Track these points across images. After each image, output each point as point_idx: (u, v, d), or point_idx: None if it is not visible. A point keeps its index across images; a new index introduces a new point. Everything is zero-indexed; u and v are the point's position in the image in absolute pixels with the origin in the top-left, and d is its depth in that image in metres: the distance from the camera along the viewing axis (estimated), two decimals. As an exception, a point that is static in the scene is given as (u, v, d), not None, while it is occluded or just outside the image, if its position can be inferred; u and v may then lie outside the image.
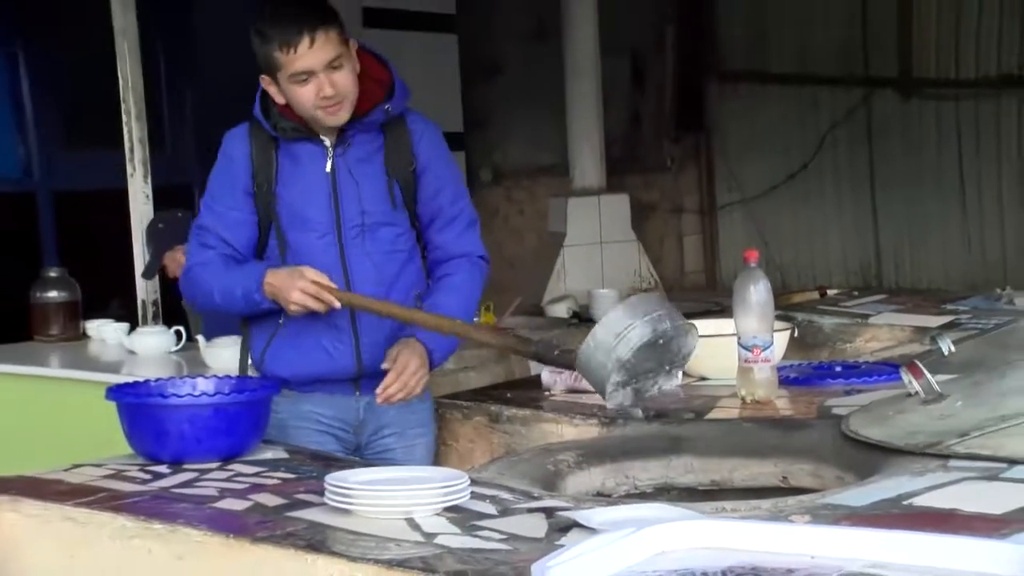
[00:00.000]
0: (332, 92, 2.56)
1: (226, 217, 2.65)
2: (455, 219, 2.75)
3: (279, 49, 2.56)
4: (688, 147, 6.96)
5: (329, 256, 2.63)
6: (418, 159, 2.70)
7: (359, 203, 2.65)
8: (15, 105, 5.66)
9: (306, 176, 2.65)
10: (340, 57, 2.58)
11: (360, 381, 2.68)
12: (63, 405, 3.69)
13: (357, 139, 2.66)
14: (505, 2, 7.16)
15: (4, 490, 1.98)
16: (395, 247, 2.69)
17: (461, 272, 2.76)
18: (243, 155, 2.66)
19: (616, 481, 2.25)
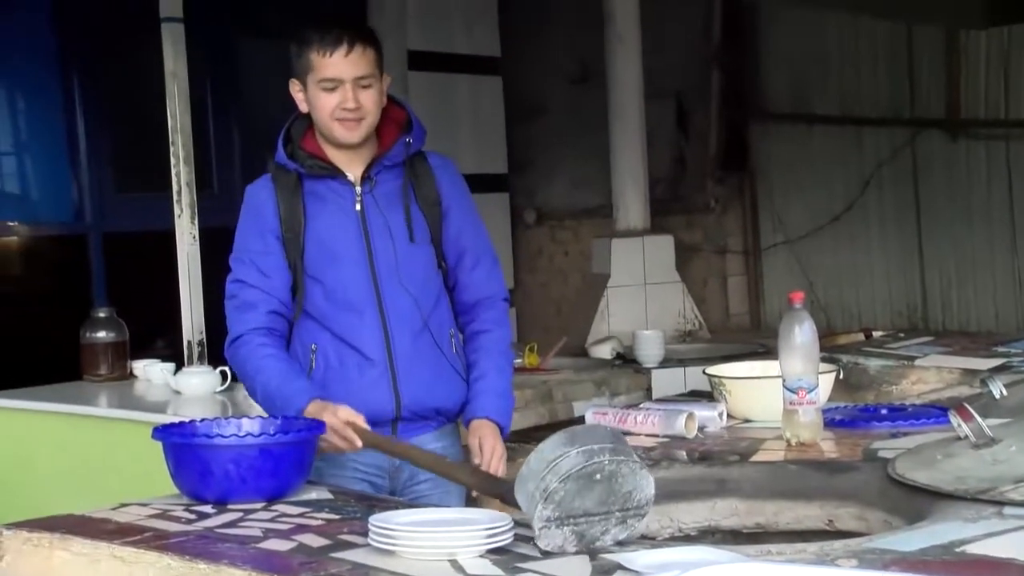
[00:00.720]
0: (354, 106, 2.60)
1: (263, 264, 2.66)
2: (481, 257, 2.78)
3: (316, 51, 2.61)
4: (732, 188, 6.94)
5: (364, 292, 2.64)
6: (443, 197, 2.73)
7: (391, 239, 2.67)
8: (70, 149, 5.75)
9: (335, 215, 2.67)
10: (371, 78, 2.63)
11: (397, 425, 2.68)
12: (111, 444, 3.73)
13: (382, 177, 2.69)
14: (549, 45, 7.21)
15: (54, 528, 2.00)
16: (428, 283, 2.70)
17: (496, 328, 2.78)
18: (270, 202, 2.68)
19: (660, 523, 2.24)
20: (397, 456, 2.52)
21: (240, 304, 2.67)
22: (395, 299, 2.65)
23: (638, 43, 5.89)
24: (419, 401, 2.67)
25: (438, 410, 2.73)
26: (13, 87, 5.86)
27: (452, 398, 2.74)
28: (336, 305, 2.65)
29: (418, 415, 2.70)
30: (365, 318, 2.64)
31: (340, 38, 2.61)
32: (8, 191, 5.91)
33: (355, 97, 2.61)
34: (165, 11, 4.42)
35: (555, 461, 1.83)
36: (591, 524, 1.82)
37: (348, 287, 2.64)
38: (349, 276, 2.65)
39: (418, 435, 2.71)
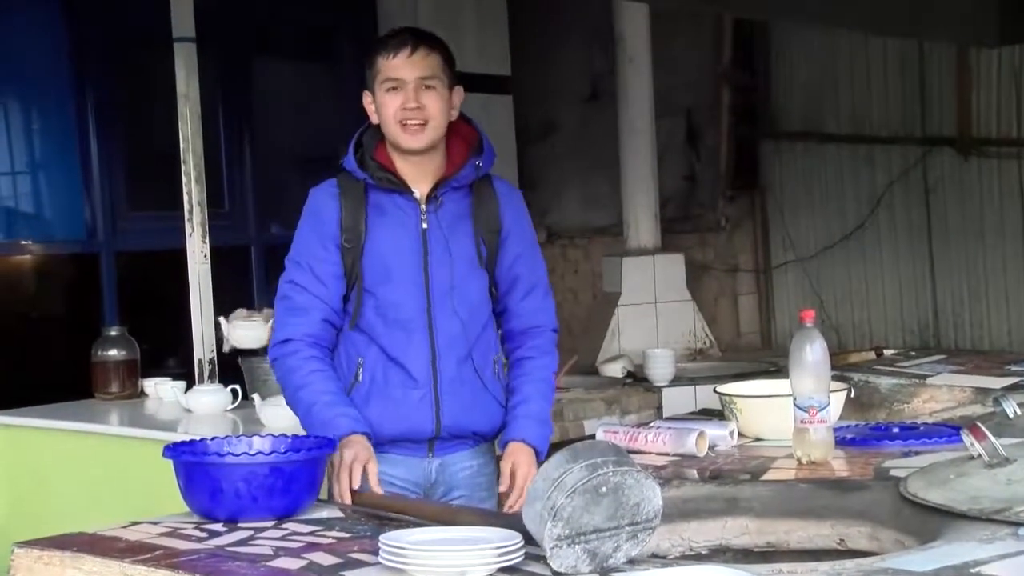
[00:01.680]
0: (416, 106, 2.60)
1: (317, 269, 2.65)
2: (535, 287, 2.77)
3: (382, 54, 2.64)
4: (743, 207, 6.94)
5: (415, 311, 2.64)
6: (503, 223, 2.72)
7: (450, 263, 2.66)
8: (83, 168, 5.78)
9: (397, 231, 2.66)
10: (434, 80, 2.64)
11: (435, 443, 2.69)
12: (122, 462, 3.74)
13: (448, 197, 2.68)
14: (560, 64, 7.22)
15: (66, 546, 2.00)
16: (479, 309, 2.70)
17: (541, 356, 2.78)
18: (333, 209, 2.67)
19: (671, 542, 2.23)
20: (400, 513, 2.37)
21: (293, 307, 2.66)
22: (446, 322, 2.65)
23: (649, 62, 5.91)
24: (458, 424, 2.68)
25: (475, 432, 2.74)
26: (27, 107, 5.88)
27: (490, 423, 2.75)
28: (387, 322, 2.65)
29: (456, 436, 2.71)
30: (414, 338, 2.64)
31: (404, 40, 2.64)
32: (22, 210, 5.94)
33: (416, 97, 2.61)
34: (178, 31, 4.44)
35: (559, 478, 1.82)
36: (602, 541, 1.81)
37: (401, 305, 2.64)
38: (403, 294, 2.64)
39: (454, 452, 2.72)
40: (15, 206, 5.90)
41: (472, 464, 2.75)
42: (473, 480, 2.74)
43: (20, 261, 5.88)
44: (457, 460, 2.73)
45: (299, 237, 2.72)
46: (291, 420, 3.43)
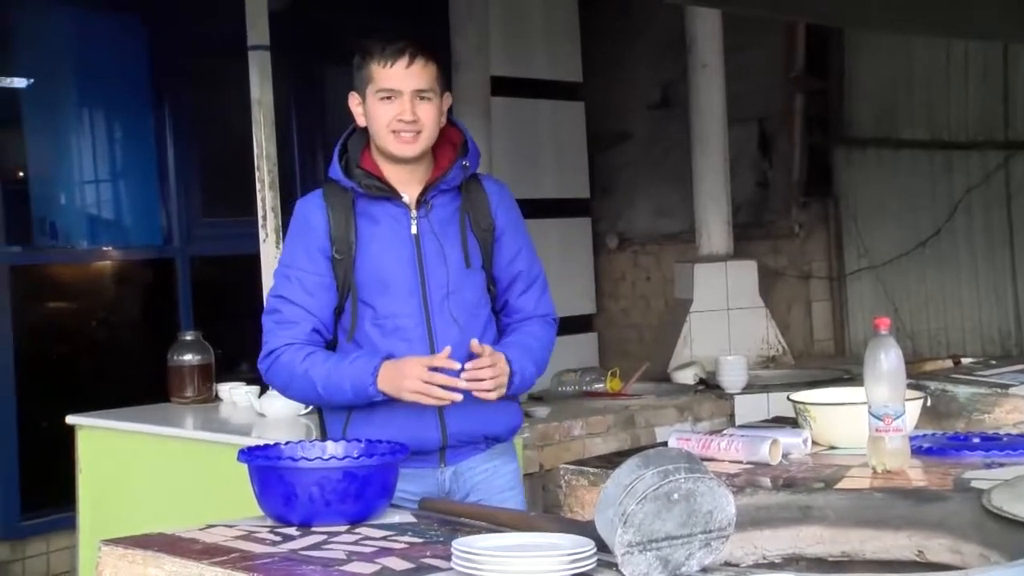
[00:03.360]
0: (411, 118, 2.58)
1: (306, 282, 2.63)
2: (534, 283, 2.75)
3: (377, 61, 2.61)
4: (816, 213, 6.88)
5: (414, 320, 2.62)
6: (497, 221, 2.70)
7: (445, 266, 2.64)
8: (160, 175, 5.87)
9: (388, 239, 2.64)
10: (430, 92, 2.62)
11: (445, 452, 2.66)
12: (197, 465, 3.78)
13: (438, 201, 2.67)
14: (631, 70, 7.21)
15: (147, 546, 2.04)
16: (477, 309, 2.68)
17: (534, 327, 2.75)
18: (321, 220, 2.65)
19: (744, 550, 2.20)
20: (473, 518, 2.33)
21: (281, 320, 2.65)
22: (445, 328, 2.62)
23: (721, 68, 5.88)
24: (466, 430, 2.65)
25: (487, 436, 2.71)
26: (109, 116, 5.99)
27: (502, 422, 2.71)
28: (385, 332, 2.62)
29: (465, 442, 2.68)
30: (414, 347, 2.60)
31: (402, 50, 2.60)
32: (102, 216, 6.05)
33: (412, 110, 2.59)
34: (252, 39, 4.49)
35: (631, 484, 1.81)
36: (674, 548, 1.80)
37: (399, 314, 2.61)
38: (400, 303, 2.62)
39: (467, 458, 2.70)
40: (97, 213, 6.01)
41: (487, 467, 2.71)
42: (490, 483, 2.70)
43: (100, 267, 5.99)
44: (471, 465, 2.70)
45: (287, 250, 2.71)
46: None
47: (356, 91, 2.68)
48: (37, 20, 5.62)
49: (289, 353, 2.62)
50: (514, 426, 2.76)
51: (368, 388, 2.55)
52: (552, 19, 6.94)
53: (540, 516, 2.38)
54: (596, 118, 7.16)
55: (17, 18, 5.54)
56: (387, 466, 2.28)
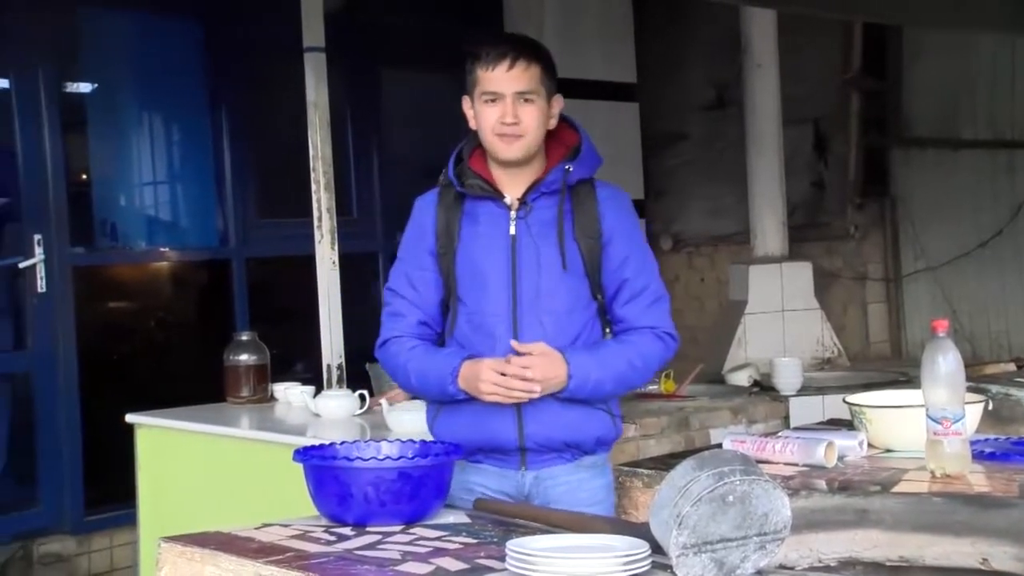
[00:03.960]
0: (512, 120, 2.60)
1: (414, 277, 2.71)
2: (641, 293, 2.70)
3: (481, 65, 2.64)
4: (872, 214, 6.81)
5: (502, 319, 2.63)
6: (604, 228, 2.68)
7: (538, 268, 2.64)
8: (216, 177, 5.92)
9: (486, 237, 2.67)
10: (532, 94, 2.63)
11: (526, 455, 2.66)
12: (252, 464, 3.81)
13: (540, 203, 2.67)
14: (686, 71, 7.18)
15: (205, 544, 2.06)
16: (571, 315, 2.66)
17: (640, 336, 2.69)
18: (430, 217, 2.71)
19: (799, 553, 2.19)
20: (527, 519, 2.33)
21: (392, 312, 2.74)
22: (531, 330, 2.62)
23: (776, 69, 5.85)
24: (544, 434, 2.64)
25: (567, 443, 2.68)
26: (167, 119, 6.06)
27: (585, 431, 2.68)
28: (474, 328, 2.66)
29: (545, 447, 2.66)
30: (498, 346, 2.63)
31: (504, 53, 2.63)
32: (160, 218, 6.12)
33: (514, 112, 2.61)
34: (308, 41, 4.52)
35: (686, 486, 1.80)
36: (729, 550, 1.79)
37: (487, 312, 2.64)
38: (490, 302, 2.64)
39: (549, 466, 2.69)
40: (155, 215, 6.08)
41: (571, 479, 2.69)
42: (573, 495, 2.67)
43: (159, 268, 6.06)
44: (554, 474, 2.69)
45: (401, 245, 2.79)
46: (418, 425, 3.48)
47: (467, 95, 2.72)
48: (101, 26, 5.70)
49: (396, 345, 2.72)
50: (601, 437, 2.72)
51: (448, 386, 2.61)
52: (606, 20, 6.93)
53: (594, 517, 2.38)
54: (651, 119, 7.14)
55: (82, 25, 5.63)
56: (441, 466, 2.28)
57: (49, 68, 5.29)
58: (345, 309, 4.56)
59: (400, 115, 6.65)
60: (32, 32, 5.24)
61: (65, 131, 5.34)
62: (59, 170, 5.27)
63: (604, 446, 2.75)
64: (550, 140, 2.72)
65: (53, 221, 5.24)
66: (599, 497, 2.73)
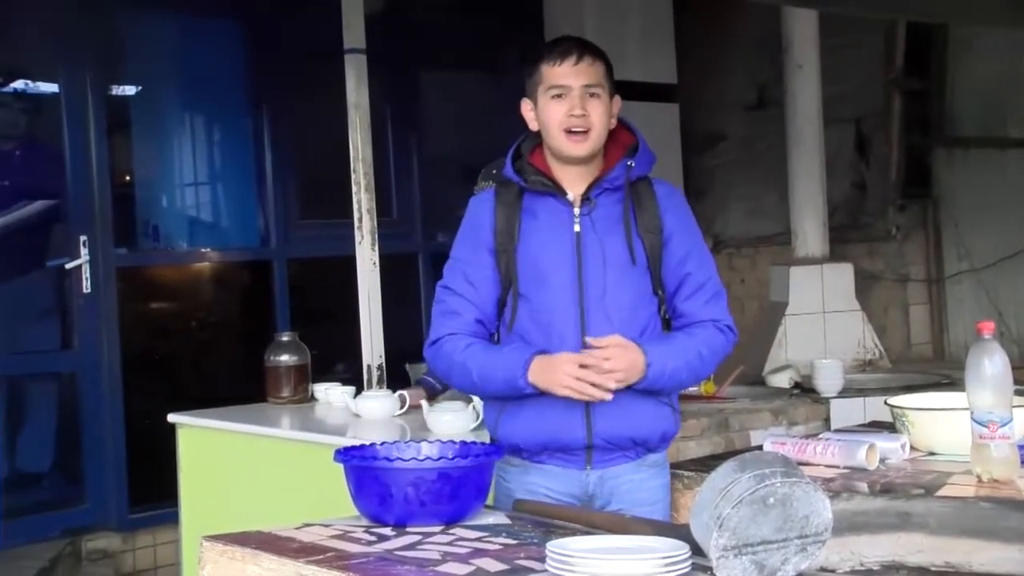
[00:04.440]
0: (582, 113, 2.62)
1: (470, 275, 2.70)
2: (702, 287, 2.71)
3: (547, 62, 2.67)
4: (915, 215, 6.76)
5: (569, 317, 2.63)
6: (665, 225, 2.70)
7: (603, 265, 2.65)
8: (258, 178, 5.96)
9: (549, 234, 2.67)
10: (598, 88, 2.66)
11: (592, 453, 2.66)
12: (293, 464, 3.82)
13: (602, 200, 2.68)
14: (726, 72, 7.16)
15: (246, 543, 2.07)
16: (636, 311, 2.66)
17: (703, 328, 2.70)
18: (487, 215, 2.72)
19: (840, 556, 2.17)
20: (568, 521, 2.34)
21: (446, 310, 2.72)
22: (598, 325, 2.62)
23: (817, 69, 5.82)
24: (612, 431, 2.64)
25: (635, 440, 2.69)
26: (209, 121, 6.11)
27: (651, 427, 2.69)
28: (540, 326, 2.66)
29: (612, 444, 2.67)
30: (566, 342, 2.63)
31: (569, 49, 2.67)
32: (202, 219, 6.16)
33: (583, 105, 2.64)
34: (349, 43, 4.54)
35: (726, 488, 1.80)
36: (770, 553, 1.78)
37: (554, 309, 2.65)
38: (556, 298, 2.65)
39: (614, 465, 2.69)
40: (197, 216, 6.13)
41: (634, 478, 2.70)
42: (633, 495, 2.69)
43: (200, 268, 6.10)
44: (618, 473, 2.69)
45: (456, 243, 2.78)
46: (458, 426, 3.49)
47: (528, 98, 2.75)
48: (145, 30, 5.75)
49: (451, 343, 2.69)
50: (665, 432, 2.73)
51: (518, 380, 2.59)
52: (647, 20, 6.91)
53: (634, 519, 2.37)
54: (691, 120, 7.11)
55: (127, 29, 5.68)
56: (482, 467, 2.28)
57: (95, 72, 5.34)
58: (385, 310, 4.57)
59: (440, 116, 6.66)
60: (79, 37, 5.31)
61: (110, 134, 5.40)
62: (104, 172, 5.33)
63: (666, 442, 2.77)
64: (607, 140, 2.74)
65: (98, 222, 5.29)
66: (658, 496, 2.74)
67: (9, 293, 5.17)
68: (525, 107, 2.75)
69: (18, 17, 5.16)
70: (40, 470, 5.48)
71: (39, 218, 5.38)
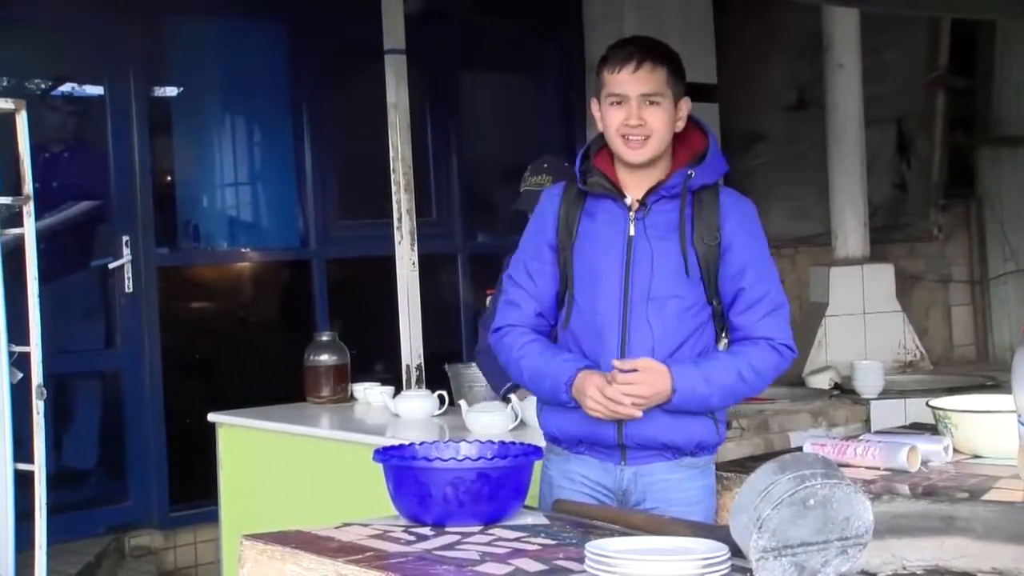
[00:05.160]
0: (638, 123, 2.61)
1: (532, 268, 2.74)
2: (758, 302, 2.67)
3: (607, 68, 2.67)
4: (958, 215, 6.70)
5: (611, 319, 2.64)
6: (723, 234, 2.66)
7: (651, 270, 2.64)
8: (297, 178, 5.99)
9: (603, 236, 2.68)
10: (658, 96, 2.64)
11: (626, 451, 2.67)
12: (332, 464, 3.84)
13: (659, 206, 2.67)
14: (766, 72, 7.12)
15: (286, 542, 2.08)
16: (682, 320, 2.64)
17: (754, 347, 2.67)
18: (552, 211, 2.74)
19: (882, 559, 2.15)
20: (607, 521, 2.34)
21: (508, 300, 2.77)
22: (639, 330, 2.63)
23: (858, 69, 5.78)
24: (643, 434, 2.64)
25: (666, 444, 2.68)
26: (249, 121, 6.14)
27: (686, 435, 2.67)
28: (585, 325, 2.68)
29: (643, 446, 2.67)
30: (605, 343, 2.65)
31: (630, 55, 2.65)
32: (242, 219, 6.19)
33: (639, 114, 2.62)
34: (388, 43, 4.56)
35: (766, 490, 1.79)
36: (810, 555, 1.77)
37: (598, 311, 2.66)
38: (602, 299, 2.66)
39: (649, 463, 2.69)
40: (236, 216, 6.16)
41: (670, 478, 2.69)
42: (667, 495, 2.67)
43: (240, 268, 6.13)
44: (653, 472, 2.69)
45: (525, 234, 2.83)
46: (497, 427, 3.49)
47: (595, 98, 2.75)
48: (187, 32, 5.79)
49: (513, 336, 2.74)
50: (701, 441, 2.71)
51: (562, 394, 2.64)
52: (686, 20, 6.89)
53: (673, 520, 2.37)
54: (730, 120, 7.08)
55: (169, 31, 5.72)
56: (520, 467, 2.28)
57: (139, 74, 5.39)
58: (424, 310, 4.58)
59: (480, 116, 6.66)
60: (123, 40, 5.35)
61: (152, 135, 5.44)
62: (146, 173, 5.37)
63: (705, 450, 2.74)
64: (677, 143, 2.73)
65: (140, 222, 5.34)
66: (698, 497, 2.72)
67: (55, 293, 5.22)
68: (593, 107, 2.77)
69: (64, 22, 5.22)
70: (85, 467, 5.54)
71: (83, 218, 5.43)
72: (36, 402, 4.15)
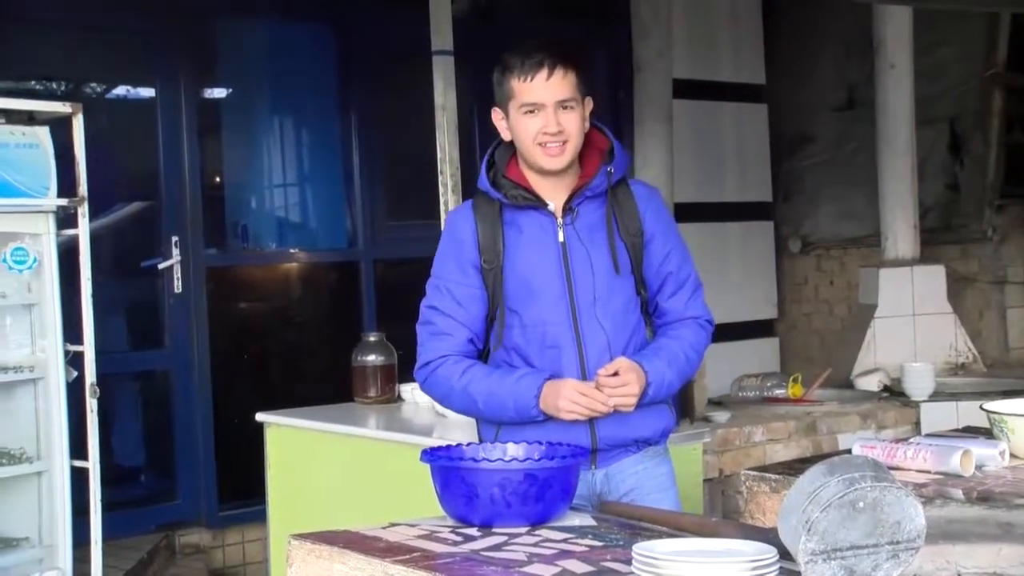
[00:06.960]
0: (556, 129, 2.58)
1: (457, 293, 2.66)
2: (683, 284, 2.71)
3: (517, 77, 2.61)
4: (1013, 216, 6.61)
5: (563, 328, 2.62)
6: (646, 226, 2.67)
7: (591, 272, 2.63)
8: (346, 180, 6.01)
9: (535, 247, 2.64)
10: (572, 101, 2.60)
11: (597, 455, 2.66)
12: (379, 464, 3.85)
13: (584, 208, 2.66)
14: (815, 72, 7.07)
15: (333, 542, 2.08)
16: (626, 315, 2.66)
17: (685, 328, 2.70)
18: (469, 231, 2.67)
19: (936, 565, 2.12)
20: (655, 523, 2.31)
21: (436, 332, 2.68)
22: (593, 334, 2.61)
23: (910, 69, 5.73)
24: (616, 435, 2.65)
25: (636, 440, 2.69)
26: (298, 123, 6.17)
27: (650, 426, 2.69)
28: (533, 340, 2.63)
29: (615, 446, 2.67)
30: (564, 354, 2.62)
31: (540, 63, 2.59)
32: (290, 220, 6.23)
33: (557, 120, 2.58)
34: (436, 44, 4.56)
35: (815, 492, 1.77)
36: (860, 558, 1.75)
37: (547, 322, 2.62)
38: (548, 311, 2.62)
39: (619, 460, 2.69)
40: (285, 217, 6.19)
41: (638, 470, 2.70)
42: (640, 486, 2.69)
43: (288, 269, 6.17)
44: (623, 468, 2.69)
45: (438, 261, 2.73)
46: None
47: (499, 106, 2.70)
48: (236, 34, 5.83)
49: (446, 366, 2.66)
50: (664, 429, 2.74)
51: (531, 409, 2.58)
52: (735, 20, 6.86)
53: (722, 522, 2.35)
54: (779, 120, 7.05)
55: (219, 33, 5.76)
56: (568, 468, 2.27)
57: (189, 76, 5.44)
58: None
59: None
60: (174, 43, 5.41)
61: (202, 137, 5.49)
62: (196, 174, 5.42)
63: (666, 436, 2.78)
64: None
65: (189, 223, 5.38)
66: (666, 484, 2.73)
67: (106, 292, 5.28)
68: (496, 116, 2.70)
69: (116, 26, 5.28)
70: (135, 465, 5.60)
71: (134, 219, 5.49)
72: (89, 400, 4.20)
